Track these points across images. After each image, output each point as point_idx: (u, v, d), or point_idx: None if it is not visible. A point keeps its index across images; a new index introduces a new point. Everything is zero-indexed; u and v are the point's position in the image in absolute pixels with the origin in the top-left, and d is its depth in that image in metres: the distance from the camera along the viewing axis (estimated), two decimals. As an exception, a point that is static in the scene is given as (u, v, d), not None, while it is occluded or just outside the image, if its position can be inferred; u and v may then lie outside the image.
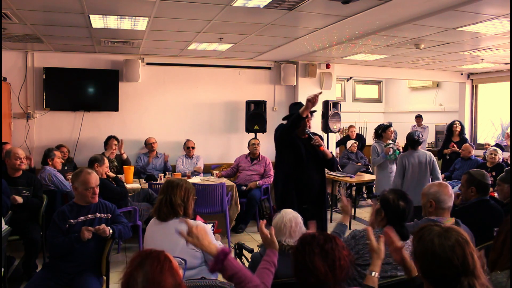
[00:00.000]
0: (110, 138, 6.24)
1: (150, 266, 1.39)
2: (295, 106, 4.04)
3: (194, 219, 2.78)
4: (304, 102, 3.67)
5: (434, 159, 4.90)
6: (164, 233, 2.62)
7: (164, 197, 2.69)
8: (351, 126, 8.79)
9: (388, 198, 2.47)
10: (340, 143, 8.70)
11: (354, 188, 7.07)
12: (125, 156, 6.29)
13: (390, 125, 5.93)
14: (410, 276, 1.92)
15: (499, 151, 5.90)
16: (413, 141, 4.92)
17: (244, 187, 5.99)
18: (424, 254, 1.51)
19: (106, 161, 4.76)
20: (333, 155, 4.03)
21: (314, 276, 1.67)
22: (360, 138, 8.68)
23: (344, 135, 9.12)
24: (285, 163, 3.86)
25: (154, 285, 1.36)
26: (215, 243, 2.33)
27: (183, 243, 2.37)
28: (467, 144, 6.62)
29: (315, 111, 3.97)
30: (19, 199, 4.01)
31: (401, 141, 6.72)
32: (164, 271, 1.39)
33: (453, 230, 1.54)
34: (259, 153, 6.33)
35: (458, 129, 7.14)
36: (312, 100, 3.52)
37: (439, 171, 4.93)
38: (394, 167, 5.45)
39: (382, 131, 5.82)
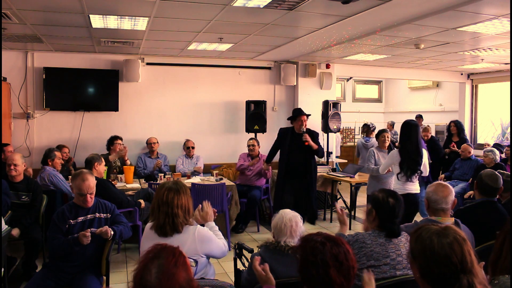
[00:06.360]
0: (114, 138, 6.13)
1: (165, 259, 1.40)
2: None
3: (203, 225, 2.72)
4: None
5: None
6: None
7: (165, 215, 2.49)
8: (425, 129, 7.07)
9: (378, 197, 2.49)
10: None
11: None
12: (128, 162, 6.13)
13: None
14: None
15: (494, 151, 5.86)
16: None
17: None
18: (423, 252, 1.50)
19: (102, 159, 4.72)
20: (319, 147, 5.48)
21: None
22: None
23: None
24: (280, 152, 5.71)
25: (168, 276, 1.36)
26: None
27: (187, 249, 2.39)
28: (465, 144, 6.62)
29: (309, 114, 5.66)
30: (16, 232, 3.91)
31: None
32: (179, 265, 1.40)
33: (451, 228, 1.54)
34: (259, 151, 6.33)
35: (455, 130, 7.13)
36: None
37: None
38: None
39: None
